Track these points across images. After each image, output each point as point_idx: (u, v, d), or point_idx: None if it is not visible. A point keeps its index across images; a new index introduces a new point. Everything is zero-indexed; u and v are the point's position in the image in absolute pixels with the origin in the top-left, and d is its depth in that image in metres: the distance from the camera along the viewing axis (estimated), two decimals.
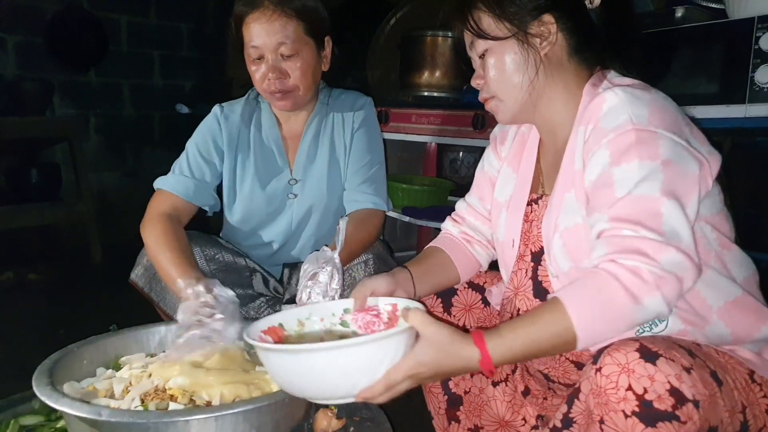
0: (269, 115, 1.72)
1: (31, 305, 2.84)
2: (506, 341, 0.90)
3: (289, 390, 0.97)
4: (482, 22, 1.09)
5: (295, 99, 1.60)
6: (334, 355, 0.88)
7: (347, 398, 0.93)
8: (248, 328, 1.04)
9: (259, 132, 1.71)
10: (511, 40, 1.07)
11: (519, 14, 1.06)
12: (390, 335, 0.90)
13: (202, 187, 1.64)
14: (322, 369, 0.89)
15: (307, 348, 0.90)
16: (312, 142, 1.70)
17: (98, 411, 1.02)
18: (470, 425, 1.29)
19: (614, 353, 0.84)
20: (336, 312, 1.15)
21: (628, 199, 0.89)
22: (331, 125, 1.71)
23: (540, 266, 1.14)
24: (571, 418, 0.93)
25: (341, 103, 1.73)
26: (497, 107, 1.14)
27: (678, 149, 0.92)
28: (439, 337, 0.91)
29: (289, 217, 1.70)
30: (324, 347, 0.89)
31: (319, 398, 0.96)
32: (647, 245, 0.85)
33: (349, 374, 0.89)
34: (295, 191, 1.69)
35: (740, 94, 1.50)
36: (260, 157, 1.70)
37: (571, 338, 0.87)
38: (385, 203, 1.67)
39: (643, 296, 0.84)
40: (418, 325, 0.92)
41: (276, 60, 1.54)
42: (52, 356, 1.23)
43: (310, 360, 0.89)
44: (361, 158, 1.69)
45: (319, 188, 1.68)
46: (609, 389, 0.83)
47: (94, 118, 4.04)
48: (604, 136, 0.95)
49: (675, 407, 0.79)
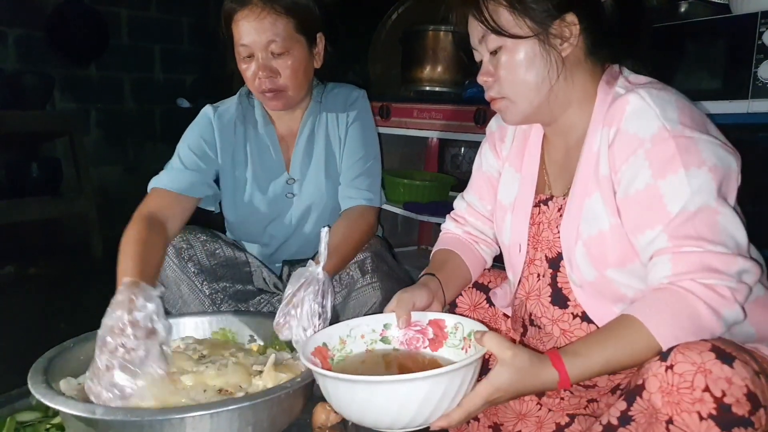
0: (263, 114, 1.69)
1: (31, 300, 2.84)
2: (584, 360, 0.90)
3: (359, 421, 0.93)
4: (500, 17, 1.01)
5: (286, 99, 1.58)
6: (417, 385, 0.86)
7: (423, 426, 0.91)
8: (301, 350, 1.03)
9: (254, 131, 1.69)
10: (532, 39, 1.00)
11: (541, 12, 0.99)
12: (469, 363, 0.88)
13: (196, 178, 1.59)
14: (404, 400, 0.87)
15: (389, 379, 0.87)
16: (308, 141, 1.67)
17: (92, 409, 1.02)
18: (490, 423, 1.27)
19: (687, 351, 0.83)
20: (376, 328, 1.12)
21: (685, 215, 0.89)
22: (325, 122, 1.68)
23: (559, 273, 1.11)
24: (630, 416, 0.90)
25: (334, 99, 1.70)
26: (507, 108, 1.08)
27: (716, 149, 0.91)
28: (518, 362, 0.89)
29: (288, 217, 1.68)
30: (408, 378, 0.86)
31: (395, 428, 0.92)
32: (716, 261, 0.87)
33: (430, 403, 0.87)
34: (293, 191, 1.68)
35: (743, 89, 1.49)
36: (257, 157, 1.67)
37: (653, 352, 0.88)
38: (378, 199, 1.65)
39: (723, 310, 0.87)
40: (495, 348, 0.91)
41: (266, 58, 1.51)
42: (47, 353, 1.23)
43: (392, 391, 0.86)
44: (356, 153, 1.66)
45: (317, 187, 1.66)
46: (683, 388, 0.81)
47: (94, 113, 4.03)
48: (638, 144, 0.93)
49: (751, 412, 0.79)
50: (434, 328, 1.10)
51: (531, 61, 1.02)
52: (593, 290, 1.05)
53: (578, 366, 0.90)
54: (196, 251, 1.56)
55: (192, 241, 1.56)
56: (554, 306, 1.12)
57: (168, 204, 1.53)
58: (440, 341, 1.09)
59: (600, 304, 1.05)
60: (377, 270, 1.50)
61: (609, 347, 0.91)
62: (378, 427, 0.93)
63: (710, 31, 1.60)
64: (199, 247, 1.57)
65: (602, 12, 1.03)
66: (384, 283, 1.49)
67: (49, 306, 2.73)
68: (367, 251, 1.53)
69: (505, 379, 0.89)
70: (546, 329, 1.13)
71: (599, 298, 1.05)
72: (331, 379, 0.91)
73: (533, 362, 0.90)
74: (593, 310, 1.06)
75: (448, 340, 1.08)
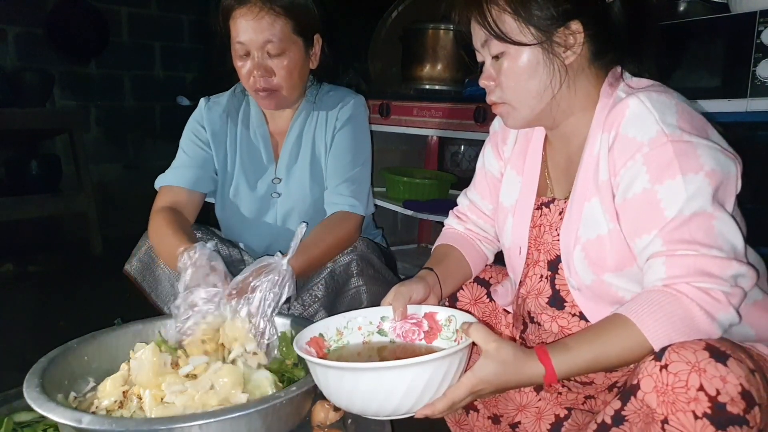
0: (257, 111, 1.69)
1: (30, 297, 2.84)
2: (571, 356, 0.91)
3: (347, 408, 0.96)
4: (504, 24, 1.00)
5: (279, 98, 1.57)
6: (402, 373, 0.87)
7: (408, 414, 0.93)
8: (295, 341, 1.04)
9: (246, 128, 1.69)
10: (535, 47, 0.99)
11: (546, 19, 0.98)
12: (454, 353, 0.90)
13: (201, 173, 1.63)
14: (389, 387, 0.88)
15: (374, 366, 0.90)
16: (296, 141, 1.66)
17: (79, 417, 1.01)
18: (489, 414, 1.28)
19: (682, 351, 0.83)
20: (373, 320, 1.14)
21: (680, 219, 0.89)
22: (314, 123, 1.66)
23: (557, 275, 1.12)
24: (624, 415, 0.90)
25: (327, 101, 1.67)
26: (508, 114, 1.08)
27: (716, 154, 0.91)
28: (502, 354, 0.90)
29: (273, 216, 1.68)
30: (393, 365, 0.88)
31: (381, 415, 0.95)
32: (711, 264, 0.87)
33: (415, 391, 0.89)
34: (278, 190, 1.67)
35: (742, 88, 1.50)
36: (246, 154, 1.67)
37: (644, 352, 0.88)
38: (363, 206, 1.60)
39: (717, 313, 0.87)
40: (480, 340, 0.92)
41: (262, 58, 1.51)
42: (50, 353, 1.22)
43: (377, 378, 0.88)
44: (342, 158, 1.63)
45: (302, 188, 1.65)
46: (678, 388, 0.81)
47: (94, 110, 4.03)
48: (637, 148, 0.93)
49: (746, 411, 0.79)
50: (429, 321, 1.12)
51: (534, 69, 1.01)
52: (591, 293, 1.05)
53: (565, 361, 0.90)
54: None
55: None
56: (551, 307, 1.13)
57: (179, 199, 1.58)
58: (435, 333, 1.10)
59: (597, 306, 1.05)
60: (362, 273, 1.50)
61: (598, 345, 0.91)
62: (365, 413, 0.95)
63: (709, 30, 1.61)
64: None
65: (608, 18, 1.01)
66: (370, 287, 1.49)
67: (48, 303, 2.73)
68: (353, 254, 1.52)
69: (489, 371, 0.90)
70: (545, 326, 1.13)
71: (597, 301, 1.05)
72: (321, 367, 0.94)
73: (517, 355, 0.90)
74: (591, 313, 1.07)
75: (442, 332, 1.10)
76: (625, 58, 1.06)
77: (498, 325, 1.29)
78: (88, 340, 1.31)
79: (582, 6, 0.99)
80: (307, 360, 0.97)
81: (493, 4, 1.00)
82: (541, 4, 0.98)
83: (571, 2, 0.98)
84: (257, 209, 1.67)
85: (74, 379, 1.24)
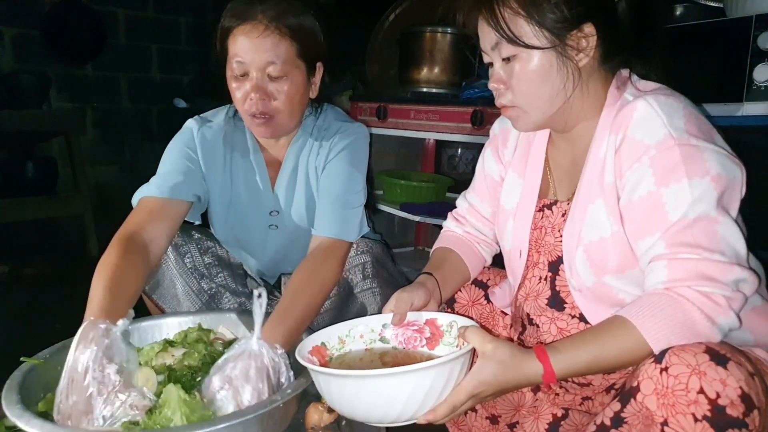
0: (253, 140, 1.58)
1: (26, 300, 2.83)
2: (570, 356, 0.91)
3: (350, 415, 0.95)
4: (516, 27, 0.98)
5: (274, 126, 1.46)
6: (404, 379, 0.87)
7: (411, 421, 0.93)
8: (298, 350, 1.02)
9: (241, 158, 1.58)
10: (548, 50, 0.98)
11: (559, 22, 0.97)
12: (455, 358, 0.89)
13: (182, 181, 1.47)
14: (390, 394, 0.88)
15: (375, 373, 0.89)
16: (292, 172, 1.58)
17: (51, 429, 0.96)
18: (487, 414, 1.28)
19: (682, 353, 0.83)
20: (375, 328, 1.13)
21: (684, 222, 0.89)
22: (309, 153, 1.56)
23: (558, 276, 1.12)
24: (623, 417, 0.90)
25: (326, 130, 1.56)
26: (519, 117, 1.07)
27: (722, 159, 0.91)
28: (500, 354, 0.90)
29: (272, 247, 1.63)
30: (394, 372, 0.87)
31: (384, 423, 0.94)
32: (713, 269, 0.87)
33: (417, 398, 0.89)
34: (275, 222, 1.61)
35: (738, 92, 1.50)
36: (242, 184, 1.59)
37: (643, 354, 0.89)
38: (354, 231, 1.47)
39: (718, 318, 0.87)
40: (476, 342, 0.92)
41: (262, 80, 1.40)
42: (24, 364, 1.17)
43: (379, 385, 0.88)
44: (333, 184, 1.50)
45: (299, 220, 1.58)
46: (678, 391, 0.81)
47: (91, 112, 4.03)
48: (643, 151, 0.93)
49: (745, 414, 0.79)
50: (431, 327, 1.11)
51: (547, 73, 1.00)
52: (591, 295, 1.05)
53: (563, 361, 0.90)
54: (191, 248, 1.54)
55: (187, 239, 1.54)
56: (551, 308, 1.13)
57: (154, 218, 1.41)
58: (437, 339, 1.10)
59: (598, 308, 1.05)
60: (377, 276, 1.47)
61: (597, 346, 0.91)
62: (369, 421, 0.94)
63: (705, 35, 1.61)
64: (194, 245, 1.55)
65: (617, 20, 1.00)
66: (384, 290, 1.46)
67: (44, 306, 2.72)
68: (368, 255, 1.48)
69: (487, 373, 0.90)
70: (544, 328, 1.14)
71: (597, 303, 1.05)
72: (323, 375, 0.94)
73: (515, 355, 0.91)
74: (591, 314, 1.07)
75: (443, 338, 1.10)
76: (633, 60, 1.05)
77: (496, 327, 1.30)
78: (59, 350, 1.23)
79: (595, 8, 0.98)
80: (310, 368, 0.96)
81: (505, 7, 0.98)
82: (554, 6, 0.96)
83: (584, 4, 0.97)
84: (255, 240, 1.64)
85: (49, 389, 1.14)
